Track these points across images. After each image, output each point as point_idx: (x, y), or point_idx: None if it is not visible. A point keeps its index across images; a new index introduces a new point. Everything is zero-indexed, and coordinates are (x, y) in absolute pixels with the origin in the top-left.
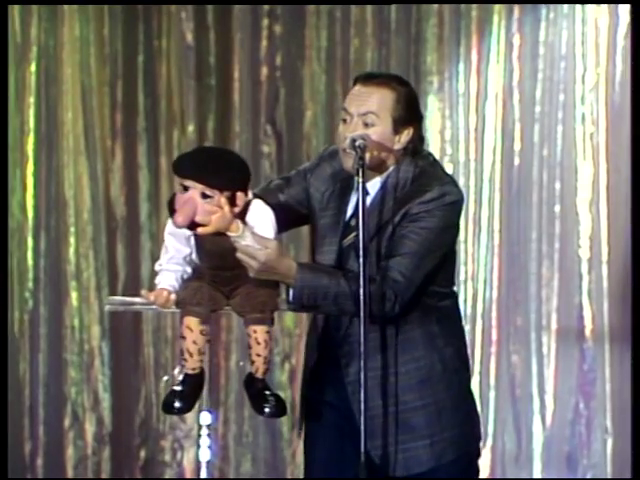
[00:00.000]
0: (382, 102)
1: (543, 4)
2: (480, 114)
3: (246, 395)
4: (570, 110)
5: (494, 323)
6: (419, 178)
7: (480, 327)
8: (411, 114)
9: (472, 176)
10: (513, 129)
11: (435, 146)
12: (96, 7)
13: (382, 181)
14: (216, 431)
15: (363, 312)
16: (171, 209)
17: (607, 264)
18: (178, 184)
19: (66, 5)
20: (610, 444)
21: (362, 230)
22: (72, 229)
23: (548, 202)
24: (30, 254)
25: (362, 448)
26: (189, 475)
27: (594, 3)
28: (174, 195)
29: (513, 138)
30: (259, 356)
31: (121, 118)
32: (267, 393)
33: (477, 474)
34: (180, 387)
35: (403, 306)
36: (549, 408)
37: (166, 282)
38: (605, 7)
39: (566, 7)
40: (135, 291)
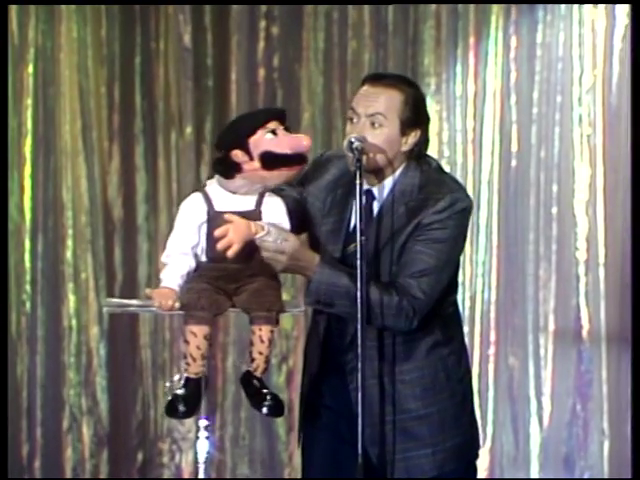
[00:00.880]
0: (390, 103)
1: (540, 5)
2: (477, 116)
3: (244, 393)
4: (567, 112)
5: (492, 324)
6: (427, 185)
7: (478, 328)
8: (418, 116)
9: (470, 178)
10: (510, 131)
11: (433, 148)
12: (93, 9)
13: (390, 186)
14: (213, 433)
15: (360, 314)
16: (271, 156)
17: (604, 266)
18: (264, 132)
19: (64, 7)
20: (607, 446)
21: (360, 233)
22: (70, 231)
23: (545, 204)
24: (28, 256)
25: (359, 450)
26: (186, 477)
27: (593, 3)
28: (265, 152)
29: (510, 140)
30: (261, 354)
31: (119, 120)
32: (265, 392)
33: (475, 476)
34: (183, 391)
35: (420, 321)
36: (546, 409)
37: (171, 279)
38: (602, 9)
39: (563, 9)
40: (133, 293)
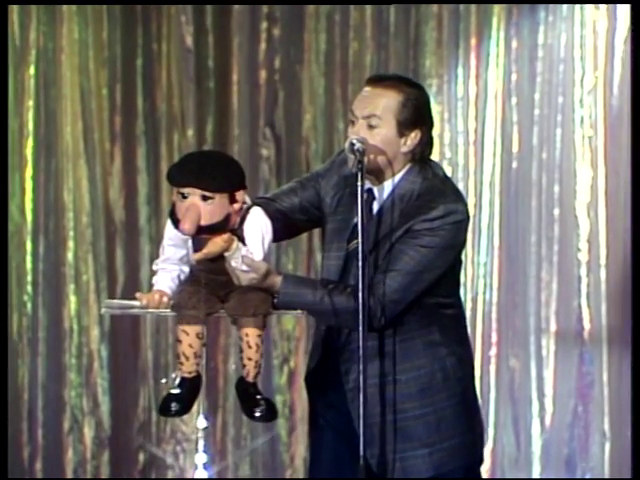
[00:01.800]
0: (387, 104)
1: (542, 6)
2: (479, 117)
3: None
4: (569, 113)
5: (493, 326)
6: (425, 193)
7: (480, 330)
8: (418, 117)
9: (471, 179)
10: (512, 132)
11: (434, 150)
12: (95, 10)
13: (391, 189)
14: (214, 435)
15: (362, 317)
16: (174, 219)
17: (605, 267)
18: (176, 193)
19: (65, 8)
20: (608, 447)
21: (361, 234)
22: (71, 233)
23: (547, 205)
24: (29, 258)
25: (361, 451)
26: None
27: (594, 3)
28: (174, 205)
29: (512, 141)
30: (250, 360)
31: (120, 121)
32: (258, 397)
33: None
34: (177, 390)
35: (389, 321)
36: (548, 411)
37: (163, 283)
38: (604, 10)
39: (565, 10)
40: (134, 295)
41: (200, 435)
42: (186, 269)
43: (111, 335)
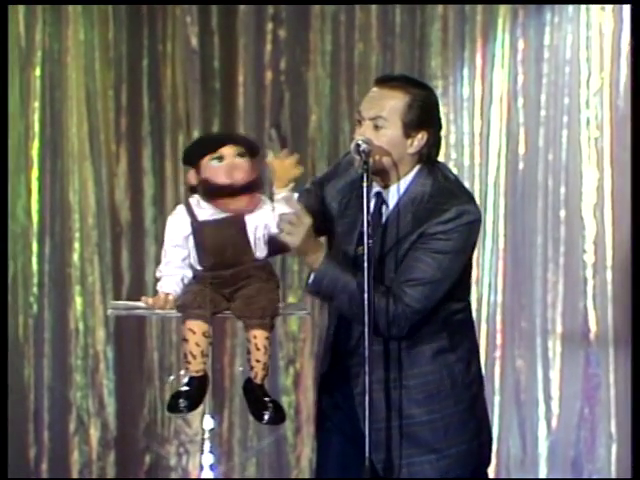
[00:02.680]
0: (393, 105)
1: (547, 7)
2: (485, 118)
3: (245, 401)
4: (575, 114)
5: (499, 327)
6: (437, 195)
7: (485, 331)
8: (424, 118)
9: (477, 180)
10: (518, 133)
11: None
12: (100, 11)
13: (401, 192)
14: (220, 435)
15: (368, 319)
16: (209, 186)
17: (612, 269)
18: (208, 160)
19: (70, 9)
20: (614, 449)
21: (367, 235)
22: (77, 234)
23: (553, 206)
24: (35, 259)
25: (367, 453)
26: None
27: (597, 3)
28: (193, 185)
29: (518, 142)
30: (258, 362)
31: (126, 122)
32: (266, 400)
33: None
34: (186, 387)
35: (411, 330)
36: (554, 412)
37: (168, 287)
38: (609, 11)
39: (570, 11)
40: (140, 296)
41: (206, 436)
42: (189, 272)
43: (117, 336)
